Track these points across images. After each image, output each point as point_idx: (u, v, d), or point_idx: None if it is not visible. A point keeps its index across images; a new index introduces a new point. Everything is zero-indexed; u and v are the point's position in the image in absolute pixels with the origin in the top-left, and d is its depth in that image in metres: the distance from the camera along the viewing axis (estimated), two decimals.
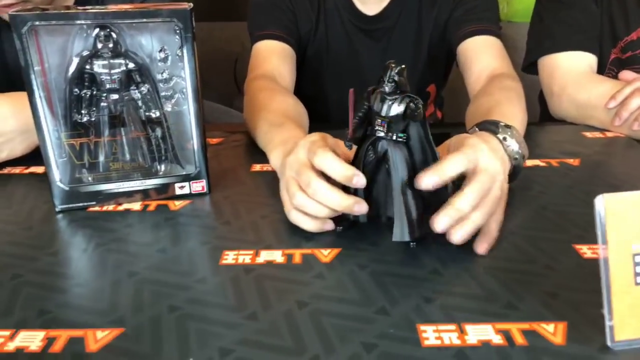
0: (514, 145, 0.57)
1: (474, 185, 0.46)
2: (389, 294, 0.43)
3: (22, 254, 0.49)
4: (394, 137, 0.48)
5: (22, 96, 0.54)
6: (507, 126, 0.58)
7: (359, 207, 0.47)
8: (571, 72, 0.84)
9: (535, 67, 0.92)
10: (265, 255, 0.48)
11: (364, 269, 0.46)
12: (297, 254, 0.49)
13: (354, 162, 0.50)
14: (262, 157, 0.70)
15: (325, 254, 0.49)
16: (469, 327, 0.39)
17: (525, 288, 0.43)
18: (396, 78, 0.46)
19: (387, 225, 0.51)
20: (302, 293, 0.43)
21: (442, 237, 0.47)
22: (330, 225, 0.51)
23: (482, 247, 0.47)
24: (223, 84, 1.71)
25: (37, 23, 0.50)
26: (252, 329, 0.39)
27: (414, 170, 0.48)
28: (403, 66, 0.47)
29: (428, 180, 0.45)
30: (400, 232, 0.47)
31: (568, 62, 0.85)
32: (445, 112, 1.17)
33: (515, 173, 0.56)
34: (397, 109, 0.47)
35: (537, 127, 0.63)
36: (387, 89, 0.47)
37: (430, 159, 0.48)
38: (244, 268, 0.47)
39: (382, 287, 0.44)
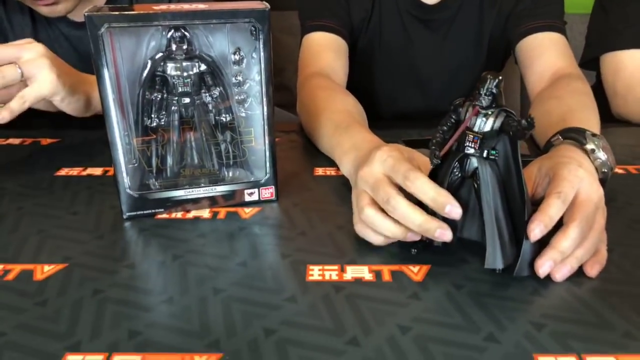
0: (602, 156, 0.54)
1: (578, 222, 0.44)
2: (494, 319, 0.40)
3: (99, 267, 0.47)
4: (485, 155, 0.45)
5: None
6: (595, 135, 0.55)
7: (441, 233, 0.44)
8: (639, 71, 0.80)
9: (594, 63, 0.88)
10: (351, 272, 0.46)
11: (460, 289, 0.44)
12: (386, 271, 0.46)
13: (435, 181, 0.46)
14: (323, 161, 0.68)
15: (415, 271, 0.46)
16: None
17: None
18: (494, 91, 0.43)
19: (472, 242, 0.48)
20: (402, 316, 0.41)
21: None
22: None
23: (594, 270, 0.45)
24: None
25: (114, 25, 0.47)
26: (357, 356, 0.37)
27: (504, 190, 0.45)
28: (501, 78, 0.43)
29: (537, 232, 0.43)
30: (493, 258, 0.44)
31: (636, 60, 0.81)
32: None
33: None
34: (493, 124, 0.43)
35: (602, 129, 0.59)
36: (483, 102, 0.43)
37: (515, 180, 0.44)
38: (332, 285, 0.45)
39: (485, 310, 0.41)
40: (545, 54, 0.79)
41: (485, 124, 0.44)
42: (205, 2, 0.52)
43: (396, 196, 0.45)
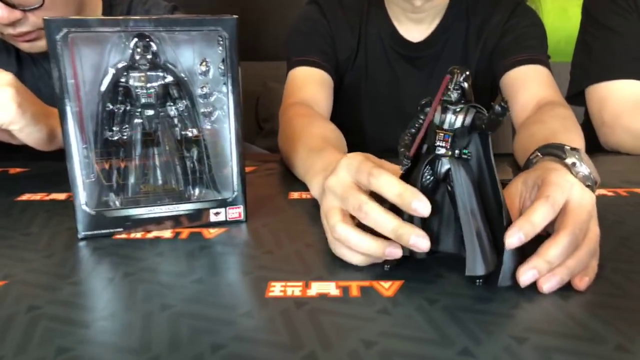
0: (584, 170, 0.51)
1: (571, 230, 0.40)
2: (470, 332, 0.36)
3: (41, 283, 0.43)
4: (457, 154, 0.41)
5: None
6: (574, 149, 0.52)
7: (417, 240, 0.39)
8: (625, 100, 0.79)
9: (580, 98, 0.87)
10: (317, 288, 0.42)
11: (434, 303, 0.40)
12: (354, 286, 0.42)
13: None
14: (300, 185, 0.65)
15: (387, 287, 0.42)
16: None
17: (633, 327, 0.36)
18: (464, 85, 0.40)
19: (449, 256, 0.45)
20: (367, 330, 0.36)
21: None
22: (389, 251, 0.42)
23: (583, 283, 0.40)
24: (244, 123, 1.69)
25: (73, 30, 0.46)
26: None
27: (479, 195, 0.42)
28: (468, 72, 0.40)
29: (514, 239, 0.39)
30: (473, 264, 0.41)
31: (621, 90, 0.80)
32: None
33: None
34: (464, 120, 0.40)
35: (592, 157, 0.57)
36: (452, 96, 0.40)
37: (488, 184, 0.41)
38: (294, 301, 0.40)
39: (461, 324, 0.37)
40: (529, 85, 0.79)
41: (456, 120, 0.40)
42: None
43: (368, 201, 0.42)
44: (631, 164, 0.72)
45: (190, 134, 0.52)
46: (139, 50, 0.49)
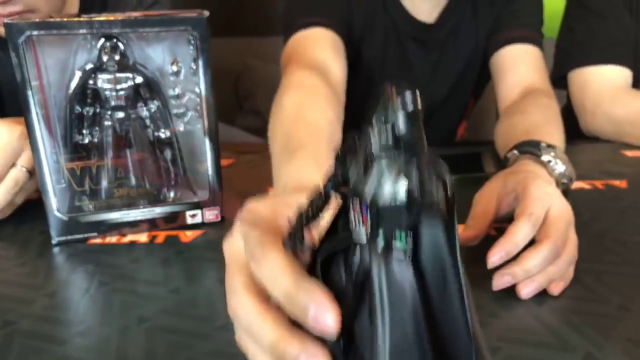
0: (559, 167, 0.51)
1: (553, 241, 0.40)
2: None
3: (15, 296, 0.43)
4: (383, 245, 0.21)
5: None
6: (550, 146, 0.52)
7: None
8: (606, 86, 0.79)
9: (563, 81, 0.87)
10: None
11: None
12: None
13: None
14: None
15: None
16: None
17: (602, 334, 0.37)
18: (410, 114, 0.20)
19: None
20: None
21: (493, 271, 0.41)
22: None
23: (558, 287, 0.41)
24: (223, 102, 1.66)
25: (35, 33, 0.44)
26: None
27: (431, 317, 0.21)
28: (417, 91, 0.21)
29: (496, 258, 0.40)
30: None
31: (602, 76, 0.80)
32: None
33: None
34: (394, 188, 0.20)
35: (571, 146, 0.57)
36: (379, 141, 0.21)
37: (454, 293, 0.21)
38: None
39: None
40: (519, 67, 0.77)
41: (383, 186, 0.20)
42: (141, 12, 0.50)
43: (239, 290, 0.27)
44: (610, 153, 0.72)
45: (163, 135, 0.51)
46: (106, 51, 0.47)
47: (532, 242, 0.42)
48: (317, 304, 0.22)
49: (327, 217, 0.26)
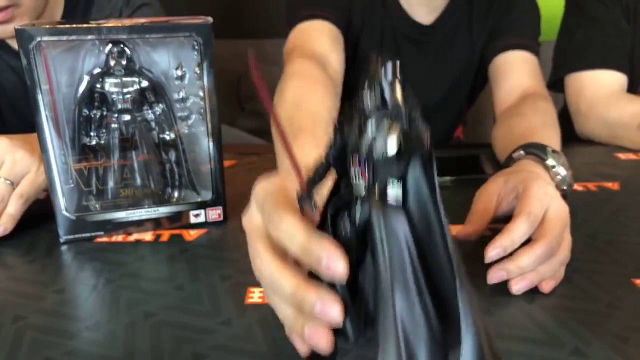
0: (562, 173, 0.53)
1: (548, 241, 0.42)
2: None
3: (25, 292, 0.44)
4: (378, 195, 0.26)
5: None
6: (555, 152, 0.54)
7: (323, 310, 0.27)
8: (601, 90, 0.81)
9: (561, 85, 0.88)
10: None
11: None
12: None
13: None
14: None
15: None
16: None
17: (591, 331, 0.39)
18: (391, 81, 0.25)
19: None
20: None
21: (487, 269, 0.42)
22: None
23: (549, 286, 0.43)
24: (225, 104, 1.67)
25: (46, 39, 0.45)
26: None
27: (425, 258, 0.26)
28: (398, 61, 0.26)
29: (494, 254, 0.41)
30: None
31: (598, 80, 0.82)
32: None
33: None
34: (387, 141, 0.25)
35: (566, 149, 0.59)
36: (370, 104, 0.25)
37: (436, 233, 0.26)
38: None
39: None
40: (516, 72, 0.79)
41: (377, 140, 0.25)
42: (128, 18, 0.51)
43: (262, 253, 0.31)
44: (604, 155, 0.74)
45: (167, 138, 0.53)
46: (114, 56, 0.49)
47: (528, 240, 0.43)
48: (328, 254, 0.26)
49: (330, 180, 0.30)
